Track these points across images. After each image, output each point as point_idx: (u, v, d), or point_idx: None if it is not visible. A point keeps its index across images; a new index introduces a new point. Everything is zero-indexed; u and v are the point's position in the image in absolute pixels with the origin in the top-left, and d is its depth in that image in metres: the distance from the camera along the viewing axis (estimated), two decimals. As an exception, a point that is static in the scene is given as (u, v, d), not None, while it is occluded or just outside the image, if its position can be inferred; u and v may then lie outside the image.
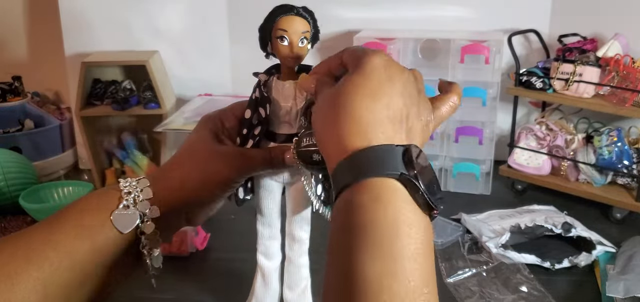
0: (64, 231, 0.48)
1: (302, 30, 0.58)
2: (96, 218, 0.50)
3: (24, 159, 1.28)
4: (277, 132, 0.62)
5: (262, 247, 0.72)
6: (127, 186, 0.52)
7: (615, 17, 1.29)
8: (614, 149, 1.13)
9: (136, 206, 0.51)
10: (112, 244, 0.50)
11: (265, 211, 0.69)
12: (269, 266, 0.73)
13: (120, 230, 0.50)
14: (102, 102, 1.33)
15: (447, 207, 1.19)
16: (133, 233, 0.51)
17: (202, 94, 1.40)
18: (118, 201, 0.51)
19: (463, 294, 0.87)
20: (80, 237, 0.48)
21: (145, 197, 0.52)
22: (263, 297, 0.74)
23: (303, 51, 0.59)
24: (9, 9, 1.62)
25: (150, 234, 0.52)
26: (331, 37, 1.44)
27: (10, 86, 1.47)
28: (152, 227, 0.52)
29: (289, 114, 0.61)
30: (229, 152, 0.58)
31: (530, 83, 1.21)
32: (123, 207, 0.51)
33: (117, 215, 0.50)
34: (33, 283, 0.45)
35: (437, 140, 1.27)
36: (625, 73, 1.11)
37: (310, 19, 0.60)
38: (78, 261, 0.47)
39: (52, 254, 0.46)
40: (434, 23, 1.40)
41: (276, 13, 0.58)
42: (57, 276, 0.46)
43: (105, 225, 0.50)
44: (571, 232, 1.00)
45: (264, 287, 0.74)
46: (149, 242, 0.52)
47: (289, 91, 0.61)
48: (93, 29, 1.44)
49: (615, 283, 0.84)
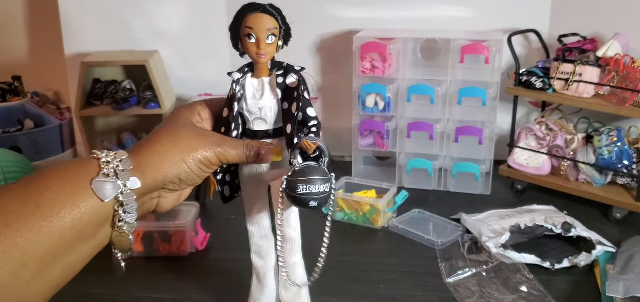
0: (44, 196, 0.47)
1: (268, 27, 0.59)
2: (77, 185, 0.49)
3: (24, 159, 1.27)
4: (254, 129, 0.63)
5: (254, 247, 0.72)
6: (105, 156, 0.52)
7: (615, 17, 1.29)
8: (614, 149, 1.13)
9: (116, 176, 0.51)
10: (91, 213, 0.49)
11: (252, 211, 0.69)
12: (263, 266, 0.73)
13: (101, 198, 0.49)
14: (102, 102, 1.33)
15: (447, 207, 1.19)
16: (111, 205, 0.50)
17: (202, 94, 1.40)
18: (98, 169, 0.50)
19: (463, 294, 0.87)
20: (61, 203, 0.47)
21: (126, 167, 0.51)
22: (260, 298, 0.74)
23: (271, 48, 0.60)
24: (9, 9, 1.62)
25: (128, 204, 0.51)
26: (331, 37, 1.44)
27: (10, 86, 1.47)
28: (132, 199, 0.51)
29: (261, 110, 0.62)
30: (208, 134, 0.59)
31: (530, 83, 1.21)
32: (103, 175, 0.50)
33: (97, 183, 0.49)
34: (12, 248, 0.44)
35: (437, 141, 1.27)
36: (625, 73, 1.11)
37: (278, 16, 0.60)
38: (57, 229, 0.46)
39: (31, 220, 0.45)
40: (434, 23, 1.40)
41: (243, 12, 0.60)
42: (36, 241, 0.45)
43: (85, 192, 0.49)
44: (571, 232, 1.00)
45: (260, 288, 0.74)
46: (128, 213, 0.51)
47: (260, 88, 0.62)
48: (93, 29, 1.44)
49: (615, 283, 0.84)
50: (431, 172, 1.28)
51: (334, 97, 1.47)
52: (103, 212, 0.50)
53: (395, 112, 1.29)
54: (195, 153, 0.56)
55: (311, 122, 0.62)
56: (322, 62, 1.46)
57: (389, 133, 1.30)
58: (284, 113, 0.62)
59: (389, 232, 1.10)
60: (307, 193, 0.58)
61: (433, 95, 1.24)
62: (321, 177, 0.59)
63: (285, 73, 0.62)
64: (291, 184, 0.58)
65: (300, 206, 0.60)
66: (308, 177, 0.58)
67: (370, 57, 1.26)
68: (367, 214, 1.10)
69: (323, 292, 0.81)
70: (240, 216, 0.68)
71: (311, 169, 0.59)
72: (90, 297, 0.87)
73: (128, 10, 1.43)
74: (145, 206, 0.56)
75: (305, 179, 0.58)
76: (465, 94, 1.23)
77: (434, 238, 1.04)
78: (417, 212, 1.16)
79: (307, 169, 0.59)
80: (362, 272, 0.94)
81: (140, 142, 0.57)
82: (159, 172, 0.54)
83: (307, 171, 0.58)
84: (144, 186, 0.53)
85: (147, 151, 0.55)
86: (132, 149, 0.55)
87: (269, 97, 0.62)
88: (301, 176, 0.58)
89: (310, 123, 0.62)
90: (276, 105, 0.62)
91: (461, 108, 1.25)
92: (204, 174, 0.59)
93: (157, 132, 0.57)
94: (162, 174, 0.54)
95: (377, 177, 1.29)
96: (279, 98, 0.62)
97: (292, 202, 0.60)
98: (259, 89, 0.62)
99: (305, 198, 0.58)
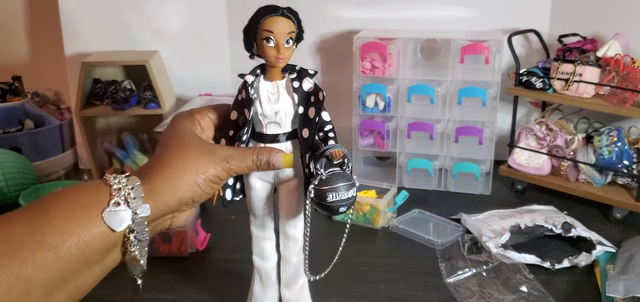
0: (52, 224, 0.46)
1: (287, 31, 0.58)
2: (85, 214, 0.48)
3: (24, 159, 1.28)
4: (265, 132, 0.62)
5: (257, 249, 0.72)
6: (117, 182, 0.51)
7: (615, 17, 1.29)
8: (614, 149, 1.13)
9: (128, 203, 0.50)
10: (100, 240, 0.48)
11: (257, 212, 0.69)
12: (265, 267, 0.73)
13: (112, 228, 0.48)
14: (102, 102, 1.33)
15: (447, 207, 1.19)
16: (121, 232, 0.50)
17: (202, 94, 1.41)
18: (108, 197, 0.49)
19: (463, 294, 0.87)
20: (68, 232, 0.46)
21: (137, 195, 0.50)
22: (262, 298, 0.74)
23: (289, 52, 0.59)
24: (9, 9, 1.62)
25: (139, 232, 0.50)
26: (331, 37, 1.44)
27: (10, 86, 1.47)
28: (143, 226, 0.51)
29: (276, 114, 0.61)
30: (215, 150, 0.58)
31: (530, 83, 1.21)
32: (114, 204, 0.49)
33: (108, 213, 0.48)
34: (15, 279, 0.43)
35: (437, 140, 1.27)
36: (625, 73, 1.11)
37: (295, 20, 0.59)
38: (63, 257, 0.45)
39: (36, 249, 0.44)
40: (434, 23, 1.40)
41: (261, 14, 0.58)
42: (40, 271, 0.44)
43: (94, 221, 0.48)
44: (571, 232, 1.00)
45: (262, 289, 0.74)
46: (139, 239, 0.51)
47: (275, 91, 0.61)
48: (93, 29, 1.44)
49: (615, 283, 0.84)
50: (431, 172, 1.28)
51: (334, 97, 1.46)
52: (112, 239, 0.49)
53: (395, 112, 1.29)
54: (206, 173, 0.55)
55: (327, 126, 0.62)
56: (322, 62, 1.46)
57: (389, 133, 1.30)
58: (300, 117, 0.61)
59: (389, 232, 1.10)
60: (337, 200, 0.58)
61: (433, 95, 1.24)
62: (347, 183, 0.59)
63: (299, 77, 0.61)
64: (319, 193, 0.58)
65: (329, 213, 0.60)
66: (336, 185, 0.58)
67: (370, 57, 1.26)
68: (367, 214, 1.10)
69: (323, 292, 0.81)
70: (241, 217, 0.68)
71: (337, 176, 0.59)
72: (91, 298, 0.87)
73: (128, 10, 1.43)
74: (158, 228, 0.56)
75: (333, 186, 0.58)
76: (465, 94, 1.23)
77: (434, 238, 1.04)
78: (417, 212, 1.16)
79: (333, 177, 0.59)
80: (362, 272, 0.94)
81: (150, 163, 0.56)
82: (173, 198, 0.53)
83: (333, 179, 0.59)
84: (156, 211, 0.52)
85: (159, 175, 0.53)
86: (144, 172, 0.54)
87: (285, 100, 0.61)
88: (328, 184, 0.58)
89: (326, 128, 0.62)
90: (292, 109, 0.61)
91: (461, 108, 1.25)
92: (214, 190, 0.58)
93: (166, 152, 0.56)
94: (176, 199, 0.54)
95: (377, 177, 1.29)
96: (295, 102, 0.61)
97: (321, 209, 0.60)
98: (274, 92, 0.61)
99: (335, 205, 0.58)
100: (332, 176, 0.59)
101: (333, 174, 0.59)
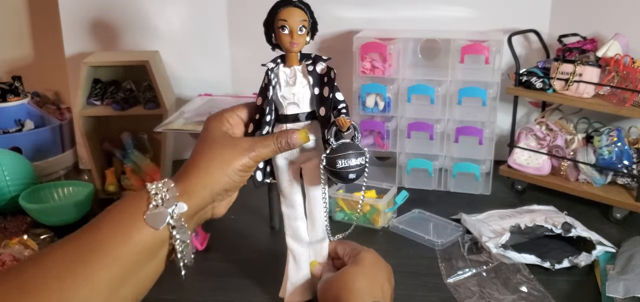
0: (103, 232, 0.54)
1: (300, 19, 0.66)
2: (130, 219, 0.55)
3: (24, 159, 1.28)
4: (286, 113, 0.68)
5: (289, 230, 0.76)
6: (154, 188, 0.57)
7: (615, 17, 1.29)
8: (614, 149, 1.13)
9: (164, 204, 0.56)
10: (147, 240, 0.55)
11: (286, 192, 0.74)
12: (299, 248, 0.76)
13: (155, 227, 0.55)
14: (102, 102, 1.33)
15: (447, 207, 1.19)
16: (165, 230, 0.56)
17: (202, 94, 1.40)
18: (147, 201, 0.56)
19: (463, 294, 0.87)
20: (118, 236, 0.54)
21: (172, 195, 0.57)
22: (297, 279, 0.77)
23: (302, 38, 0.66)
24: (10, 9, 1.62)
25: (179, 228, 0.57)
26: (331, 37, 1.44)
27: (10, 86, 1.47)
28: (182, 221, 0.57)
29: (294, 95, 0.67)
30: (238, 142, 0.64)
31: (530, 83, 1.21)
32: (153, 207, 0.56)
33: (149, 215, 0.55)
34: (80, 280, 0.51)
35: (437, 141, 1.27)
36: (625, 73, 1.11)
37: (307, 10, 0.67)
38: (118, 257, 0.53)
39: (94, 254, 0.52)
40: (434, 23, 1.40)
41: (277, 6, 0.66)
42: (101, 271, 0.52)
43: (138, 224, 0.55)
44: (571, 232, 1.00)
45: (297, 270, 0.76)
46: (181, 235, 0.57)
47: (292, 75, 0.68)
48: (93, 29, 1.44)
49: (615, 283, 0.84)
50: (431, 172, 1.28)
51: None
52: (158, 237, 0.56)
53: (395, 112, 1.29)
54: (233, 164, 0.61)
55: (340, 104, 0.68)
56: (322, 62, 1.46)
57: (389, 133, 1.30)
58: (316, 98, 0.68)
59: (389, 232, 1.10)
60: (346, 167, 0.64)
61: (433, 95, 1.24)
62: (356, 152, 0.65)
63: (314, 62, 0.68)
64: (330, 160, 0.65)
65: (339, 179, 0.66)
66: (345, 152, 0.65)
67: (370, 57, 1.26)
68: (367, 214, 1.10)
69: (323, 292, 0.81)
70: (241, 217, 0.69)
71: (346, 145, 0.65)
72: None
73: (128, 10, 1.43)
74: (201, 218, 0.63)
75: (343, 154, 0.65)
76: (465, 94, 1.23)
77: (434, 238, 1.04)
78: (417, 212, 1.16)
79: (343, 146, 0.65)
80: (362, 272, 0.94)
81: (185, 165, 0.62)
82: (206, 191, 0.60)
83: (343, 147, 0.65)
84: (193, 207, 0.59)
85: (190, 174, 0.60)
86: (180, 174, 0.61)
87: (302, 83, 0.68)
88: (338, 152, 0.65)
89: (340, 106, 0.68)
90: (308, 90, 0.68)
91: (461, 108, 1.24)
92: (246, 177, 0.64)
93: (195, 153, 0.63)
94: (209, 192, 0.60)
95: (377, 177, 1.29)
96: (310, 84, 0.68)
97: (332, 176, 0.66)
98: (292, 76, 0.68)
99: (344, 171, 0.65)
100: (341, 144, 0.65)
101: (343, 143, 0.66)
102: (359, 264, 0.68)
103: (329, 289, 0.67)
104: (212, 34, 1.47)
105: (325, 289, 0.68)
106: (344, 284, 0.66)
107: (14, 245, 0.99)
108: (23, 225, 1.12)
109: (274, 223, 1.09)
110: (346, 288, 0.65)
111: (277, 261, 0.82)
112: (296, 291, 0.76)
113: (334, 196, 1.13)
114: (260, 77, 0.69)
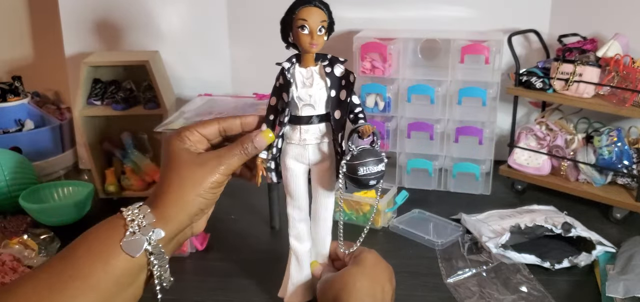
0: (79, 260, 0.53)
1: (320, 20, 0.64)
2: (107, 247, 0.54)
3: (24, 159, 1.28)
4: (300, 114, 0.67)
5: (294, 231, 0.75)
6: (129, 214, 0.56)
7: (615, 17, 1.29)
8: (614, 149, 1.13)
9: (141, 231, 0.55)
10: (124, 267, 0.54)
11: (293, 193, 0.73)
12: (301, 249, 0.75)
13: (131, 255, 0.54)
14: (102, 102, 1.33)
15: (447, 207, 1.19)
16: (143, 257, 0.55)
17: (202, 94, 1.40)
18: (124, 228, 0.55)
19: (463, 294, 0.87)
20: (95, 264, 0.53)
21: (148, 221, 0.56)
22: (298, 280, 0.77)
23: (322, 39, 0.65)
24: (9, 9, 1.62)
25: (157, 254, 0.56)
26: (331, 37, 1.43)
27: (10, 86, 1.47)
28: (160, 247, 0.56)
29: (311, 97, 0.66)
30: (205, 159, 0.62)
31: (530, 83, 1.21)
32: (130, 234, 0.55)
33: (125, 242, 0.54)
34: None
35: (437, 141, 1.27)
36: (625, 73, 1.11)
37: (326, 10, 0.66)
38: (95, 284, 0.52)
39: (71, 283, 0.52)
40: (434, 23, 1.40)
41: (297, 5, 0.64)
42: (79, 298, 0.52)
43: (115, 252, 0.54)
44: (571, 232, 1.00)
45: (299, 270, 0.76)
46: (158, 260, 0.56)
47: (309, 76, 0.67)
48: (93, 29, 1.44)
49: (615, 283, 0.84)
50: (431, 172, 1.28)
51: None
52: (136, 264, 0.55)
53: (395, 112, 1.29)
54: (203, 184, 0.60)
55: (357, 108, 0.68)
56: (322, 62, 1.46)
57: (389, 133, 1.30)
58: (333, 100, 0.66)
59: (389, 232, 1.10)
60: (367, 174, 0.64)
61: (433, 95, 1.24)
62: (377, 158, 0.65)
63: (331, 63, 0.67)
64: (351, 167, 0.65)
65: (359, 185, 0.66)
66: (366, 159, 0.64)
67: (370, 57, 1.26)
68: (367, 214, 1.10)
69: (323, 292, 0.81)
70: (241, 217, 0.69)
71: (367, 152, 0.65)
72: None
73: (128, 10, 1.43)
74: (180, 240, 0.62)
75: (364, 161, 0.64)
76: (465, 94, 1.23)
77: (434, 238, 1.04)
78: (417, 212, 1.16)
79: (363, 153, 0.65)
80: (362, 272, 0.94)
81: (156, 189, 0.61)
82: (182, 215, 0.59)
83: (364, 154, 0.65)
84: (170, 231, 0.57)
85: (165, 199, 0.58)
86: (153, 199, 0.59)
87: (319, 84, 0.66)
88: (359, 159, 0.64)
89: (356, 110, 0.68)
90: (325, 92, 0.66)
91: (461, 108, 1.24)
92: (219, 192, 0.62)
93: (165, 177, 0.60)
94: (185, 215, 0.59)
95: (377, 177, 1.29)
96: (328, 86, 0.66)
97: (353, 183, 0.66)
98: (309, 77, 0.66)
99: (365, 178, 0.64)
100: (362, 151, 0.65)
101: (363, 150, 0.65)
102: (360, 264, 0.68)
103: (329, 289, 0.67)
104: (212, 34, 1.47)
105: (325, 289, 0.68)
106: (344, 284, 0.66)
107: (14, 245, 0.99)
108: (23, 225, 1.12)
109: (274, 223, 1.09)
110: (346, 288, 0.65)
111: (277, 261, 0.82)
112: (297, 291, 0.77)
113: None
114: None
